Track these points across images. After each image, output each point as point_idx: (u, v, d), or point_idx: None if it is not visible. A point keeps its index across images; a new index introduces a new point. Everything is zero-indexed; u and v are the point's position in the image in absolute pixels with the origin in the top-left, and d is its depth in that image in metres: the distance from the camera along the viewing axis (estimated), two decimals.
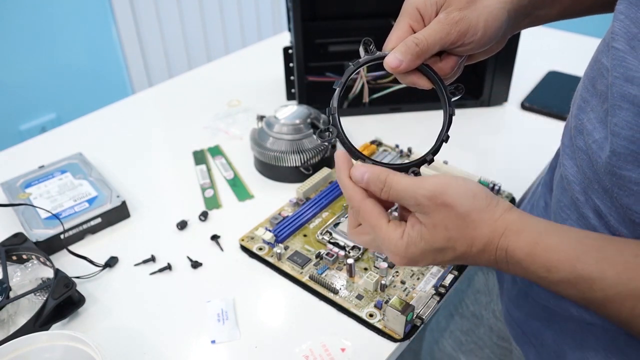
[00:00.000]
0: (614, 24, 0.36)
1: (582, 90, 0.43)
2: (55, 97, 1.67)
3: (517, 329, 0.53)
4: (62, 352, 0.44)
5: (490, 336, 0.67)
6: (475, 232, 0.36)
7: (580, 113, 0.42)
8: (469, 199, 0.36)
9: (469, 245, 0.37)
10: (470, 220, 0.36)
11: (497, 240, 0.36)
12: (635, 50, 0.34)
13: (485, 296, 0.67)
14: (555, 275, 0.34)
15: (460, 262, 0.39)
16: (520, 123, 0.85)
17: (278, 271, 0.57)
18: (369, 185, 0.39)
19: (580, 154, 0.41)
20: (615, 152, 0.35)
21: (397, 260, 0.39)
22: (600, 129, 0.38)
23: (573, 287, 0.34)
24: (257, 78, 1.00)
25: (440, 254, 0.38)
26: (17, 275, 0.56)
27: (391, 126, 0.84)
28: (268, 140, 0.70)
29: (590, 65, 0.43)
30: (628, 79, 0.34)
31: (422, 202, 0.37)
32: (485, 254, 0.37)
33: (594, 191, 0.39)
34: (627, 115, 0.34)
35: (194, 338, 0.51)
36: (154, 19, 1.78)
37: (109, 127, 0.87)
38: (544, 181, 0.54)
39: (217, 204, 0.68)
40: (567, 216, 0.43)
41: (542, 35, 1.13)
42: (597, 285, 0.33)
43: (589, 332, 0.43)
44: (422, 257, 0.38)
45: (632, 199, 0.35)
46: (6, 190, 0.68)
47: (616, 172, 0.36)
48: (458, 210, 0.36)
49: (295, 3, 0.75)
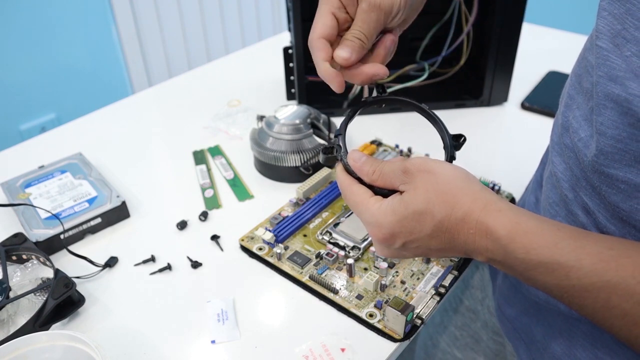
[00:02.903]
0: (598, 21, 0.35)
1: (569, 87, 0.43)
2: (55, 97, 1.67)
3: (508, 325, 0.54)
4: (62, 352, 0.44)
5: (485, 331, 0.67)
6: (456, 199, 0.37)
7: (567, 110, 0.42)
8: (451, 170, 0.38)
9: (449, 210, 0.37)
10: (451, 186, 0.37)
11: (478, 212, 0.36)
12: (619, 48, 0.33)
13: (481, 292, 0.67)
14: (534, 257, 0.34)
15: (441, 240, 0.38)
16: (520, 123, 0.85)
17: (278, 271, 0.57)
18: (364, 166, 0.41)
19: (568, 151, 0.41)
20: (602, 151, 0.35)
21: (377, 231, 0.39)
22: (585, 127, 0.38)
23: (550, 274, 0.34)
24: (257, 78, 1.00)
25: (420, 223, 0.37)
26: (17, 275, 0.56)
27: (391, 126, 0.84)
28: (268, 140, 0.70)
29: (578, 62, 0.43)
30: (612, 78, 0.34)
31: (408, 167, 0.38)
32: (465, 226, 0.36)
33: (582, 188, 0.39)
34: (612, 114, 0.34)
35: (194, 338, 0.51)
36: (154, 19, 1.78)
37: (109, 127, 0.87)
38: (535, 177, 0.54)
39: (217, 204, 0.68)
40: (556, 212, 0.44)
41: (542, 35, 1.13)
42: (573, 273, 0.33)
43: (577, 327, 0.44)
44: (401, 228, 0.38)
45: (619, 196, 0.35)
46: (6, 190, 0.68)
47: (603, 170, 0.36)
48: (439, 177, 0.37)
49: (295, 3, 0.75)
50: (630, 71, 0.32)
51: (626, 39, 0.33)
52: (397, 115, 0.87)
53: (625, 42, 0.33)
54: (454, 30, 0.85)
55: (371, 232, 0.41)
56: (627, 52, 0.33)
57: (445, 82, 0.89)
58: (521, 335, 0.52)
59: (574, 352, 0.44)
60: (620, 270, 0.31)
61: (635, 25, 0.32)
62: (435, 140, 0.45)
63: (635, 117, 0.32)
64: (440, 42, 0.86)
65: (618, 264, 0.32)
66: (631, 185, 0.34)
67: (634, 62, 0.32)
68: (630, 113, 0.33)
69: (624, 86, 0.33)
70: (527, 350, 0.51)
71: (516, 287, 0.52)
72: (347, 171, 0.43)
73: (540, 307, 0.48)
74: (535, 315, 0.50)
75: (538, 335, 0.49)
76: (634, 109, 0.32)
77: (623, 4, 0.33)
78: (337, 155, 0.44)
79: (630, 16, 0.32)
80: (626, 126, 0.33)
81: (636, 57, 0.32)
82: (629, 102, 0.32)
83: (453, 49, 0.85)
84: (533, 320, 0.50)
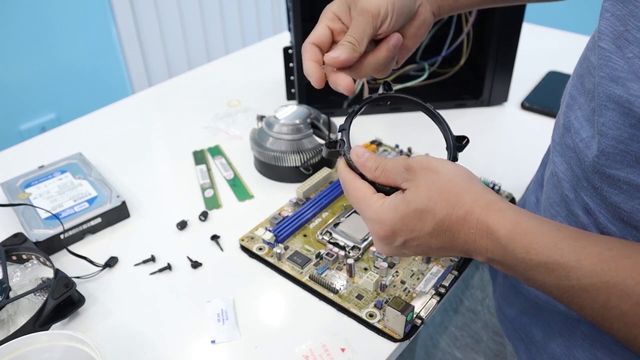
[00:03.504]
0: (600, 22, 0.36)
1: (571, 87, 0.43)
2: (55, 97, 1.67)
3: (508, 325, 0.54)
4: (62, 352, 0.44)
5: (485, 331, 0.67)
6: (457, 198, 0.37)
7: (568, 111, 0.42)
8: (452, 169, 0.38)
9: (450, 209, 0.37)
10: (453, 185, 0.37)
11: (479, 211, 0.36)
12: (621, 49, 0.33)
13: (481, 292, 0.67)
14: (534, 257, 0.34)
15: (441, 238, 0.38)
16: (520, 123, 0.85)
17: (278, 271, 0.57)
18: (367, 162, 0.41)
19: (569, 151, 0.41)
20: (603, 151, 0.35)
21: (378, 229, 0.40)
22: (587, 128, 0.38)
23: (550, 273, 0.34)
24: (257, 78, 1.00)
25: (421, 221, 0.38)
26: (17, 275, 0.56)
27: (391, 126, 0.84)
28: (268, 140, 0.70)
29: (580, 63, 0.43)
30: (613, 79, 0.34)
31: (411, 165, 0.39)
32: (466, 224, 0.37)
33: (583, 189, 0.39)
34: (613, 115, 0.34)
35: (194, 338, 0.51)
36: (154, 19, 1.78)
37: (109, 127, 0.87)
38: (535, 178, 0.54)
39: (217, 204, 0.68)
40: (557, 212, 0.44)
41: (542, 35, 1.13)
42: (573, 273, 0.33)
43: (576, 328, 0.44)
44: (402, 226, 0.38)
45: (620, 197, 0.35)
46: (6, 190, 0.68)
47: (605, 171, 0.36)
48: (442, 176, 0.38)
49: (295, 3, 0.75)
50: (632, 72, 0.32)
51: (628, 40, 0.33)
52: (397, 115, 0.87)
53: (627, 43, 0.33)
54: (454, 30, 0.85)
55: (372, 229, 0.41)
56: (629, 53, 0.33)
57: (445, 82, 0.89)
58: (521, 335, 0.52)
59: (573, 353, 0.44)
60: (620, 271, 0.31)
61: (637, 27, 0.32)
62: (435, 140, 0.46)
63: (636, 118, 0.32)
64: (440, 42, 0.86)
65: (618, 264, 0.32)
66: (632, 185, 0.34)
67: (636, 63, 0.32)
68: (631, 114, 0.33)
69: (625, 87, 0.33)
70: (526, 350, 0.51)
71: (516, 287, 0.52)
72: (350, 167, 0.43)
73: (540, 307, 0.48)
74: (535, 315, 0.50)
75: (537, 336, 0.49)
76: (635, 110, 0.32)
77: (626, 5, 0.33)
78: (340, 150, 0.44)
79: (633, 18, 0.32)
80: (627, 127, 0.33)
81: (638, 59, 0.32)
82: (630, 103, 0.32)
83: (453, 49, 0.85)
84: (533, 320, 0.50)
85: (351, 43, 0.44)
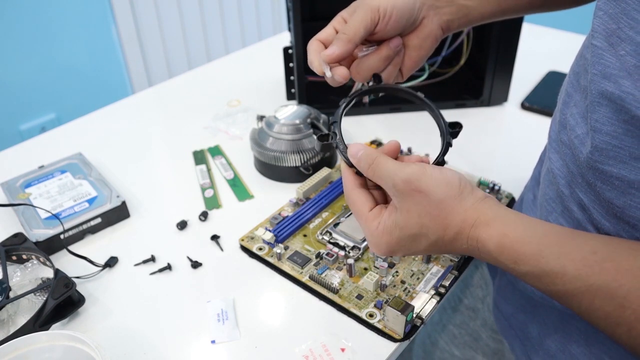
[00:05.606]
0: (594, 20, 0.36)
1: (567, 84, 0.44)
2: (55, 97, 1.67)
3: (504, 322, 0.54)
4: (62, 352, 0.44)
5: (484, 329, 0.67)
6: (447, 221, 0.39)
7: (564, 107, 0.43)
8: (441, 187, 0.39)
9: (441, 232, 0.39)
10: (442, 208, 0.39)
11: (468, 230, 0.38)
12: (614, 47, 0.34)
13: (481, 290, 0.67)
14: (522, 267, 0.36)
15: (437, 250, 0.41)
16: (520, 123, 0.85)
17: (278, 271, 0.57)
18: (360, 161, 0.42)
19: (564, 148, 0.42)
20: (597, 147, 0.36)
21: (376, 249, 0.43)
22: (582, 124, 0.39)
23: (538, 280, 0.36)
24: (257, 78, 1.00)
25: (415, 242, 0.40)
26: (17, 275, 0.56)
27: (391, 126, 0.84)
28: (268, 140, 0.70)
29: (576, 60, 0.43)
30: (606, 76, 0.34)
31: (399, 184, 0.39)
32: (458, 242, 0.39)
33: (578, 185, 0.40)
34: (606, 111, 0.35)
35: (194, 338, 0.51)
36: (154, 19, 1.78)
37: (109, 127, 0.87)
38: (533, 175, 0.55)
39: (217, 204, 0.68)
40: (552, 209, 0.44)
41: (542, 35, 1.13)
42: (559, 279, 0.35)
43: (572, 324, 0.45)
44: (399, 246, 0.41)
45: (614, 193, 0.36)
46: (6, 190, 0.68)
47: (598, 167, 0.36)
48: (430, 198, 0.39)
49: (295, 3, 0.75)
50: (624, 69, 0.33)
51: (621, 38, 0.33)
52: (397, 115, 0.87)
53: (619, 41, 0.33)
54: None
55: (370, 245, 0.44)
56: (621, 51, 0.33)
57: (445, 82, 0.89)
58: (517, 332, 0.52)
59: (568, 349, 0.44)
60: (603, 274, 0.33)
61: (629, 25, 0.33)
62: (435, 140, 0.46)
63: (628, 114, 0.33)
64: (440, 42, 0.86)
65: (601, 267, 0.33)
66: (625, 181, 0.35)
67: (628, 60, 0.33)
68: (624, 110, 0.33)
69: (617, 84, 0.33)
70: (522, 347, 0.51)
71: (513, 284, 0.52)
72: (348, 164, 0.44)
73: (536, 303, 0.49)
74: (531, 312, 0.50)
75: (533, 332, 0.49)
76: (627, 107, 0.33)
77: (618, 3, 0.34)
78: (332, 142, 0.45)
79: (625, 16, 0.33)
80: (620, 123, 0.34)
81: (630, 56, 0.32)
82: (622, 99, 0.33)
83: (453, 49, 0.85)
84: (529, 317, 0.50)
85: (345, 34, 0.46)
